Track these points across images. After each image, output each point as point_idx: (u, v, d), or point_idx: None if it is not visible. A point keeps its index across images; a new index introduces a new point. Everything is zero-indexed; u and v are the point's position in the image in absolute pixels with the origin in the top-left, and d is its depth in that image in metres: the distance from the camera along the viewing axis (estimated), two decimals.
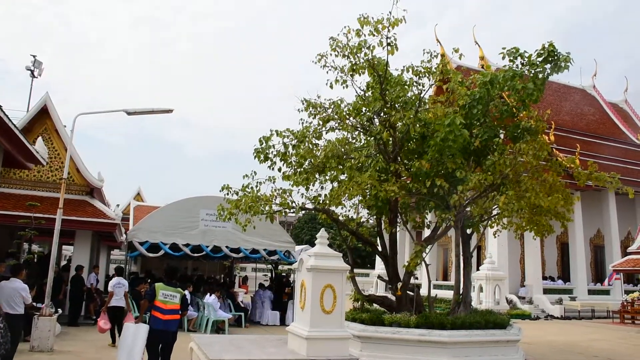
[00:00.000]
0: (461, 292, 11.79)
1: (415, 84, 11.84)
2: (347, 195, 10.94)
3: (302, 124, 11.96)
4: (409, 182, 11.49)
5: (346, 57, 11.28)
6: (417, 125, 11.24)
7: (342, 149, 11.51)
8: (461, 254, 11.95)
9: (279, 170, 11.69)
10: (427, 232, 13.16)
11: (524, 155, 10.63)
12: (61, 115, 17.57)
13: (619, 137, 37.24)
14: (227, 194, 11.21)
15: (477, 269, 25.05)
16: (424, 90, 11.83)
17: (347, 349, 8.46)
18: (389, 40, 10.79)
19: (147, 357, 8.14)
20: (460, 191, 10.38)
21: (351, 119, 12.04)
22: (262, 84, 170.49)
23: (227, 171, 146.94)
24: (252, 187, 11.15)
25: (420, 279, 24.81)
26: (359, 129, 12.28)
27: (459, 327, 10.34)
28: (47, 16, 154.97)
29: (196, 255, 17.64)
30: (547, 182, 11.04)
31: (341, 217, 12.83)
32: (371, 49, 11.06)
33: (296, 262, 9.46)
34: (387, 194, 10.53)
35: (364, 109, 12.11)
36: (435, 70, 11.57)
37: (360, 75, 11.60)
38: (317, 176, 11.78)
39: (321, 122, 11.83)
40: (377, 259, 34.38)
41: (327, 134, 12.00)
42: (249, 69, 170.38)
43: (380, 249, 12.69)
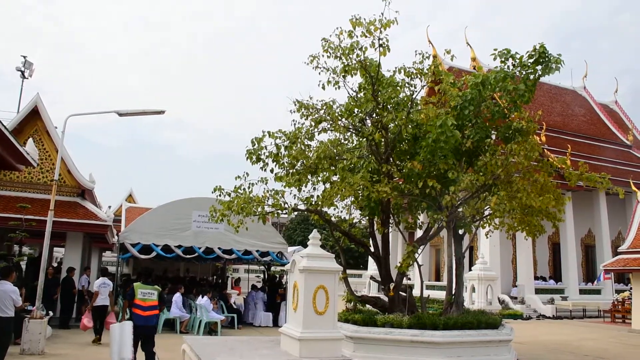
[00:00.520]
0: (453, 292, 11.81)
1: (407, 85, 11.86)
2: (339, 196, 10.93)
3: (295, 125, 11.96)
4: (401, 183, 11.51)
5: (338, 58, 11.28)
6: (409, 126, 11.26)
7: (335, 150, 11.51)
8: (453, 254, 11.97)
9: (271, 171, 11.68)
10: (419, 233, 13.19)
11: (516, 155, 10.68)
12: (52, 116, 17.49)
13: (609, 138, 37.48)
14: (220, 195, 11.20)
15: (470, 270, 25.13)
16: (416, 91, 11.85)
17: (340, 350, 8.46)
18: (381, 41, 10.80)
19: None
20: (452, 192, 10.41)
21: (343, 120, 12.04)
22: (255, 85, 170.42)
23: (220, 173, 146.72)
24: (244, 189, 11.14)
25: (412, 279, 24.88)
26: (351, 130, 12.29)
27: (451, 327, 10.35)
28: (38, 17, 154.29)
29: (188, 256, 17.60)
30: (538, 183, 11.08)
31: (333, 218, 12.83)
32: (363, 50, 11.07)
33: (289, 263, 9.45)
34: (380, 194, 10.54)
35: (356, 110, 12.12)
36: (427, 71, 11.59)
37: (352, 76, 11.61)
38: (309, 177, 11.78)
39: (313, 123, 11.83)
40: (370, 259, 34.42)
41: (319, 135, 12.00)
42: (242, 70, 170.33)
43: (372, 249, 12.70)
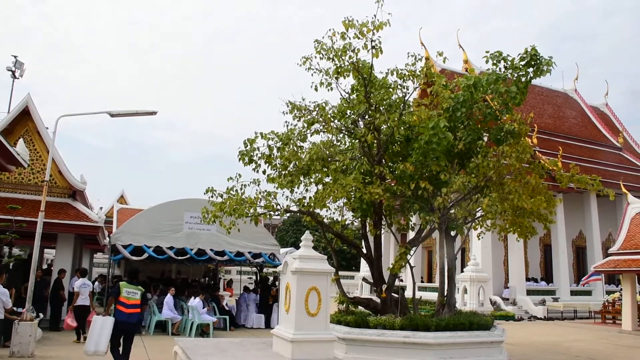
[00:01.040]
0: (445, 293, 11.84)
1: (399, 87, 11.88)
2: (331, 197, 10.93)
3: (287, 126, 11.96)
4: (393, 184, 11.53)
5: (331, 60, 11.29)
6: (402, 128, 11.28)
7: (327, 152, 11.51)
8: (445, 255, 12.00)
9: (264, 172, 11.67)
10: (411, 235, 13.22)
11: (507, 157, 10.72)
12: (43, 116, 17.39)
13: (600, 140, 37.73)
14: (212, 197, 11.18)
15: (462, 271, 25.22)
16: (408, 93, 11.88)
17: (332, 352, 8.47)
18: (373, 43, 10.82)
19: (110, 345, 9.12)
20: (444, 193, 10.43)
21: (336, 121, 12.06)
22: (248, 86, 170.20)
23: (212, 175, 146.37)
24: (236, 190, 11.12)
25: (405, 281, 24.91)
26: (344, 132, 12.31)
27: (443, 328, 10.37)
28: (30, 17, 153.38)
29: (180, 258, 17.54)
30: (529, 185, 11.13)
31: (326, 220, 12.83)
32: (356, 51, 11.08)
33: (281, 264, 9.45)
34: (372, 196, 10.56)
35: (349, 111, 12.14)
36: (419, 73, 11.62)
37: (345, 78, 11.64)
38: (301, 179, 11.77)
39: (306, 125, 11.83)
40: (362, 261, 34.46)
41: (311, 136, 12.01)
42: (235, 72, 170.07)
43: (365, 251, 12.71)
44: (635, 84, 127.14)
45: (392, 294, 11.78)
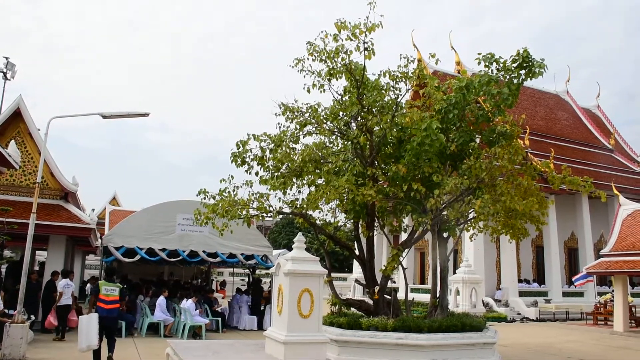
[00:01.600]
0: (438, 295, 11.86)
1: (392, 88, 11.90)
2: (324, 199, 10.94)
3: (280, 128, 11.97)
4: (385, 186, 11.54)
5: (323, 62, 11.31)
6: (394, 129, 11.30)
7: (320, 153, 11.53)
8: (438, 257, 12.03)
9: (256, 174, 11.67)
10: (404, 236, 13.25)
11: (500, 159, 10.76)
12: (35, 118, 17.28)
13: (591, 141, 37.93)
14: (204, 198, 11.16)
15: (454, 273, 25.24)
16: (401, 94, 11.89)
17: (325, 353, 8.47)
18: (366, 45, 10.83)
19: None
20: (436, 195, 10.45)
21: (328, 123, 12.07)
22: (241, 88, 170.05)
23: (205, 176, 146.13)
24: (229, 192, 11.12)
25: (397, 282, 24.92)
26: (336, 133, 12.32)
27: (435, 330, 10.39)
28: (22, 19, 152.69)
29: (173, 260, 17.49)
30: (522, 186, 11.18)
31: (318, 221, 12.83)
32: (348, 53, 11.10)
33: (273, 266, 9.45)
34: (364, 198, 10.57)
35: (341, 113, 12.15)
36: (412, 75, 11.65)
37: (337, 79, 11.65)
38: (294, 180, 11.78)
39: (298, 126, 11.84)
40: (355, 263, 34.48)
41: (304, 138, 12.03)
42: (228, 73, 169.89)
43: (357, 253, 12.72)
44: (634, 84, 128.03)
45: (385, 296, 11.79)
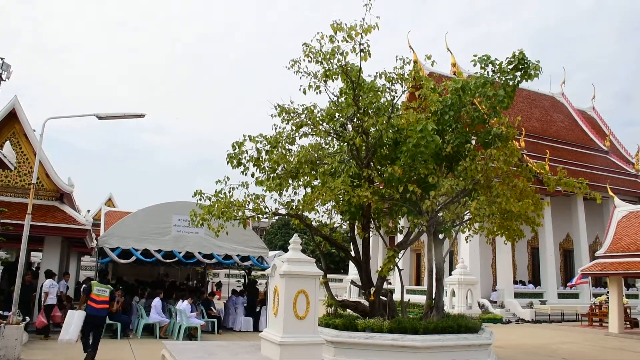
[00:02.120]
0: (434, 296, 11.87)
1: (388, 90, 11.93)
2: (320, 200, 10.95)
3: (276, 129, 11.96)
4: (381, 187, 11.56)
5: (319, 63, 11.32)
6: (390, 131, 11.32)
7: (315, 155, 11.53)
8: (434, 258, 12.04)
9: (252, 175, 11.66)
10: (399, 238, 13.24)
11: (495, 161, 10.79)
12: (30, 119, 17.23)
13: (587, 143, 38.01)
14: (200, 200, 11.15)
15: (450, 274, 25.27)
16: (397, 96, 11.93)
17: (321, 355, 8.46)
18: (362, 46, 10.87)
19: (81, 335, 10.32)
20: (432, 196, 10.47)
21: (324, 124, 12.07)
22: (238, 89, 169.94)
23: (201, 177, 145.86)
24: (224, 193, 11.11)
25: (393, 284, 24.95)
26: (332, 135, 12.32)
27: (431, 331, 10.41)
28: (16, 19, 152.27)
29: (168, 261, 17.46)
30: (517, 188, 11.20)
31: (314, 223, 12.84)
32: (344, 55, 11.12)
33: (269, 267, 9.44)
34: (360, 199, 10.58)
35: (337, 114, 12.15)
36: (408, 76, 11.68)
37: (333, 81, 11.66)
38: (290, 181, 11.78)
39: (294, 128, 11.84)
40: (351, 264, 34.43)
41: (300, 139, 12.03)
42: (224, 75, 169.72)
43: (353, 254, 12.72)
44: (630, 86, 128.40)
45: (381, 297, 11.81)
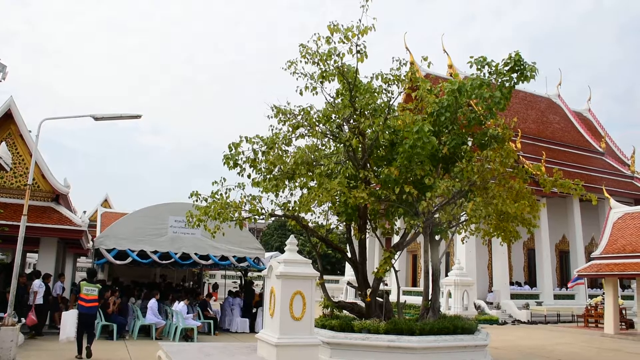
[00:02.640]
0: (430, 298, 11.88)
1: (384, 91, 11.93)
2: (316, 201, 10.94)
3: (272, 130, 11.96)
4: (378, 188, 11.56)
5: (316, 64, 11.32)
6: (386, 132, 11.33)
7: (312, 156, 11.53)
8: (430, 260, 12.05)
9: (249, 176, 11.65)
10: (396, 239, 13.24)
11: (491, 162, 10.80)
12: (26, 120, 17.22)
13: (582, 145, 38.11)
14: (196, 201, 11.14)
15: (446, 275, 25.29)
16: (393, 97, 11.94)
17: (317, 356, 8.46)
18: (358, 47, 10.87)
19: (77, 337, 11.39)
20: (428, 198, 10.48)
21: (321, 125, 12.07)
22: (234, 90, 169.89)
23: (197, 178, 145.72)
24: (221, 194, 11.10)
25: (389, 285, 24.96)
26: (329, 136, 12.33)
27: (427, 332, 10.41)
28: (12, 21, 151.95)
29: (164, 262, 17.43)
30: (513, 189, 11.21)
31: (311, 224, 12.84)
32: (341, 56, 11.12)
33: (266, 268, 9.43)
34: (357, 200, 10.58)
35: (334, 115, 12.16)
36: (404, 77, 11.69)
37: (330, 82, 11.66)
38: (286, 183, 11.77)
39: (291, 129, 11.84)
40: (347, 265, 34.45)
41: (296, 140, 12.01)
42: (221, 76, 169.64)
43: (349, 255, 12.72)
44: (625, 88, 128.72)
45: (377, 298, 11.80)
